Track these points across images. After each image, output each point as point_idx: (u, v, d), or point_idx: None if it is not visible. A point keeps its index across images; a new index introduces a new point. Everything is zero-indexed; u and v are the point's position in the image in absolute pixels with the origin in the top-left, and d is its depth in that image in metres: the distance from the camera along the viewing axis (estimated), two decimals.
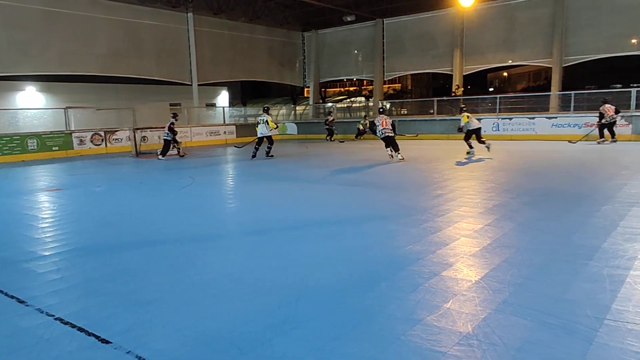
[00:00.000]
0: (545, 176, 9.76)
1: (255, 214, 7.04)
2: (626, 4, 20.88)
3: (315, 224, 6.19)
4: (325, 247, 5.06)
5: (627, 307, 3.26)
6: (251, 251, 5.11)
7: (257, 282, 4.07)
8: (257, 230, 6.02)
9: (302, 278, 4.11)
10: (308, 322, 3.24)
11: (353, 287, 3.85)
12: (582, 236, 5.10)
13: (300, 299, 3.64)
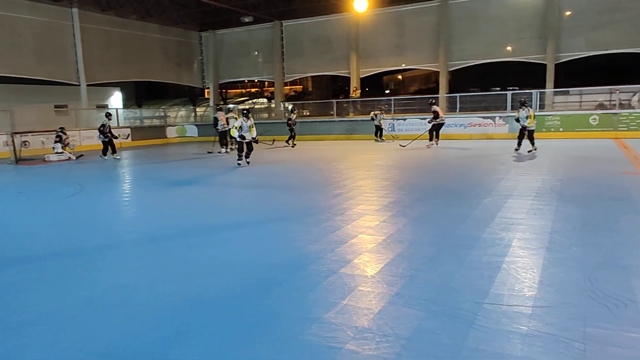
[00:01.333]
0: (434, 173, 10.44)
1: (151, 222, 6.73)
2: (500, 16, 23.04)
3: (215, 229, 6.07)
4: (225, 252, 4.98)
5: (503, 291, 3.58)
6: (146, 261, 4.87)
7: (151, 292, 3.89)
8: (153, 239, 5.75)
9: (200, 284, 4.01)
10: (205, 329, 3.16)
11: (252, 291, 3.83)
12: (466, 228, 5.52)
13: (197, 307, 3.55)
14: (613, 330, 2.90)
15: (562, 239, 4.89)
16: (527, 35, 22.96)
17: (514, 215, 5.98)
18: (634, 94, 18.95)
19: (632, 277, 3.77)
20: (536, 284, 3.70)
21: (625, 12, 20.88)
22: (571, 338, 2.82)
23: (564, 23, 22.11)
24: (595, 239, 4.87)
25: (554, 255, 4.35)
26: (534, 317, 3.12)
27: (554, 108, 20.44)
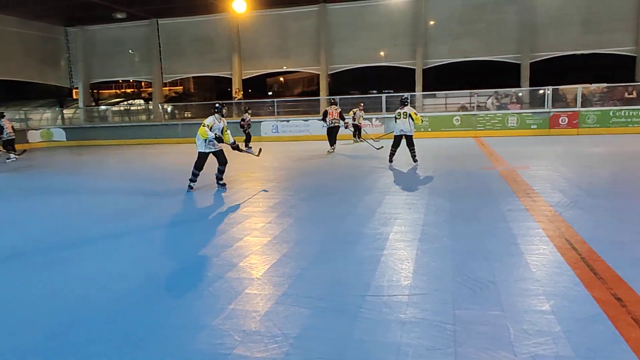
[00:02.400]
0: (320, 174, 10.73)
1: (7, 237, 6.02)
2: (375, 23, 24.38)
3: (87, 241, 5.61)
4: (101, 264, 4.62)
5: (383, 283, 3.79)
6: (3, 282, 4.35)
7: (16, 316, 3.49)
8: (10, 257, 5.15)
9: (75, 302, 3.68)
10: (84, 349, 2.91)
11: (134, 303, 3.61)
12: (349, 224, 5.76)
13: (73, 326, 3.25)
14: (478, 310, 3.22)
15: (433, 230, 5.32)
16: (400, 42, 24.58)
17: (392, 210, 6.36)
18: (488, 97, 21.23)
19: (493, 261, 4.21)
20: (411, 273, 3.97)
21: (479, 23, 23.30)
22: (443, 321, 3.07)
23: (430, 32, 24.04)
24: (462, 228, 5.36)
25: (426, 246, 4.71)
26: (410, 305, 3.35)
27: (424, 110, 22.12)
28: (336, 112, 14.20)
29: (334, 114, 14.19)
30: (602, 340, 2.76)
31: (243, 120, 17.21)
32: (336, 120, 14.18)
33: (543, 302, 3.31)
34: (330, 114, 14.21)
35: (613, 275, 3.74)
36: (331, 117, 14.17)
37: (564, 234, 4.93)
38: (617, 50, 22.43)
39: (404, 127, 10.90)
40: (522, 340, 2.78)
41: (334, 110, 14.28)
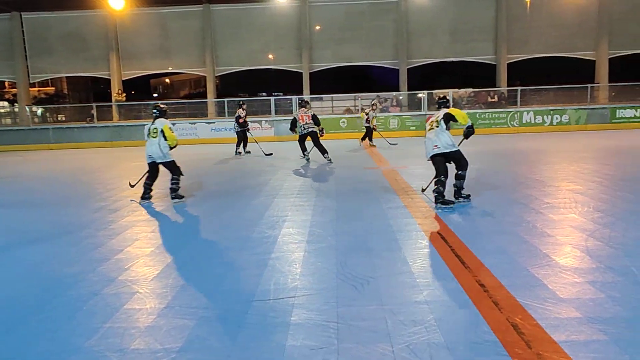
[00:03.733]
0: (207, 177, 10.46)
1: None
2: (260, 26, 24.44)
3: None
4: None
5: (269, 286, 3.80)
6: None
7: None
8: None
9: None
10: None
11: None
12: (236, 229, 5.68)
13: None
14: (359, 306, 3.35)
15: (319, 230, 5.45)
16: (286, 45, 24.90)
17: (280, 213, 6.40)
18: (372, 100, 22.30)
19: (374, 257, 4.42)
20: (298, 275, 4.03)
21: (360, 30, 24.45)
22: (327, 320, 3.16)
23: (315, 36, 24.68)
24: (346, 227, 5.56)
25: (313, 247, 4.82)
26: (297, 307, 3.39)
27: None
28: (307, 116, 11.91)
29: (305, 118, 11.92)
30: (467, 324, 3.02)
31: (239, 117, 14.45)
32: (310, 125, 11.89)
33: (418, 293, 3.54)
34: (301, 118, 11.93)
35: (477, 263, 4.13)
36: (302, 122, 11.89)
37: (437, 228, 5.34)
38: (481, 59, 24.88)
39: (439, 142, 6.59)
40: (399, 331, 2.95)
41: (304, 114, 11.97)
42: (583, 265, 4.03)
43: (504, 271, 3.90)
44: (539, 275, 3.80)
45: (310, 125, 11.91)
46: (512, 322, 3.00)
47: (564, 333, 2.84)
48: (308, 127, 11.89)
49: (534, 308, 3.19)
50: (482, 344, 2.75)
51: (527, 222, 5.45)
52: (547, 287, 3.56)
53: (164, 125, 7.41)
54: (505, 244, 4.68)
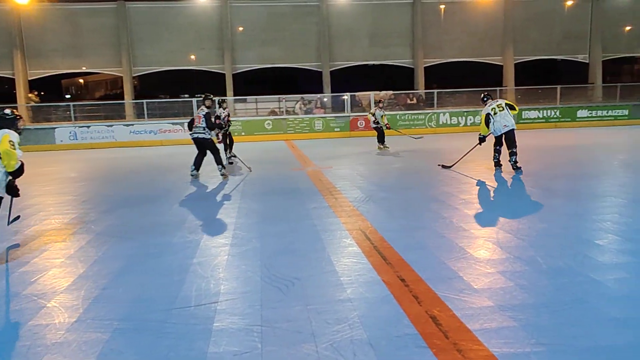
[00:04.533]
0: (124, 182, 9.97)
1: None
2: (180, 25, 23.71)
3: None
4: None
5: (191, 293, 3.67)
6: None
7: None
8: None
9: None
10: None
11: None
12: (157, 234, 5.45)
13: None
14: (283, 308, 3.33)
15: (244, 233, 5.36)
16: (208, 45, 24.34)
17: (203, 217, 6.23)
18: (296, 102, 22.40)
19: (299, 258, 4.41)
20: (222, 279, 3.94)
21: (283, 32, 24.47)
22: (251, 323, 3.10)
23: (238, 37, 24.35)
24: (272, 229, 5.51)
25: (237, 250, 4.72)
26: (219, 312, 3.30)
27: (236, 114, 22.29)
28: (198, 118, 9.42)
29: (197, 120, 9.45)
30: (389, 319, 3.09)
31: (218, 117, 10.92)
32: (199, 130, 9.36)
33: (342, 292, 3.58)
34: (198, 118, 9.43)
35: (399, 259, 4.25)
36: (195, 124, 9.47)
37: (360, 227, 5.44)
38: (400, 62, 25.79)
39: (507, 122, 8.77)
40: (323, 330, 2.96)
41: (200, 114, 9.46)
42: (494, 256, 4.27)
43: (424, 265, 4.05)
44: (455, 268, 3.98)
45: (199, 130, 9.35)
46: (430, 314, 3.11)
47: (478, 322, 2.99)
48: (196, 132, 9.38)
49: (451, 300, 3.34)
50: (402, 337, 2.83)
51: (444, 218, 5.70)
52: (462, 279, 3.73)
53: (2, 137, 4.80)
54: (424, 239, 4.86)
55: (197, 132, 9.40)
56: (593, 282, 3.60)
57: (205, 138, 9.42)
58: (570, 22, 26.04)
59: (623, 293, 3.41)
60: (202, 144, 9.52)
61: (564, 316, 3.05)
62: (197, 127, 9.39)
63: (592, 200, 6.65)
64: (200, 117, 9.36)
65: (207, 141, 9.45)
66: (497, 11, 25.44)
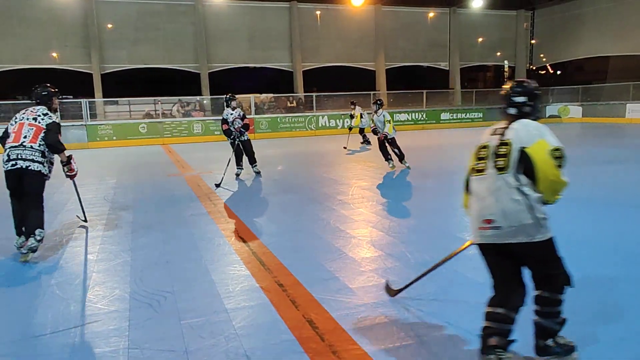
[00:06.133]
0: None
1: None
2: (39, 19, 21.48)
3: None
4: None
5: (46, 319, 3.27)
6: None
7: None
8: None
9: None
10: None
11: None
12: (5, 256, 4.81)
13: None
14: (154, 326, 3.11)
15: (112, 246, 4.96)
16: (72, 43, 22.38)
17: (64, 232, 5.64)
18: (173, 105, 21.50)
19: (173, 270, 4.18)
20: (84, 300, 3.58)
21: (156, 31, 23.36)
22: (118, 347, 2.85)
23: (106, 35, 22.73)
24: (144, 240, 5.17)
25: (103, 266, 4.35)
26: (78, 338, 2.99)
27: (107, 117, 20.77)
28: (236, 120, 9.09)
29: (237, 122, 9.09)
30: (267, 327, 3.05)
31: (226, 122, 9.09)
32: (241, 133, 9.17)
33: (218, 302, 3.45)
34: (235, 121, 9.10)
35: (277, 263, 4.23)
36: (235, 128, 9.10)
37: (239, 232, 5.34)
38: (279, 66, 26.04)
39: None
40: (197, 346, 2.82)
41: (237, 117, 9.09)
42: (368, 254, 4.45)
43: (301, 268, 4.07)
44: (331, 268, 4.07)
45: (240, 133, 9.19)
46: (307, 318, 3.13)
47: (352, 321, 3.07)
48: (238, 136, 9.22)
49: (327, 301, 3.39)
50: (280, 344, 2.80)
51: (322, 219, 5.82)
52: (338, 279, 3.82)
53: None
54: (302, 242, 4.91)
55: (239, 135, 9.22)
56: (455, 273, 3.91)
57: (247, 139, 9.38)
58: (433, 32, 28.41)
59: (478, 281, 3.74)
60: (245, 146, 9.38)
61: (430, 307, 3.25)
62: (235, 132, 9.11)
63: (455, 196, 7.26)
64: (237, 119, 9.08)
65: (248, 142, 9.40)
66: (368, 20, 26.87)
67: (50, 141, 4.70)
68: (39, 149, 4.65)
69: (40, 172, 4.67)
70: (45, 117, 4.81)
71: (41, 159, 4.67)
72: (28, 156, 4.59)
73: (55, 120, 4.88)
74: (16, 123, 4.78)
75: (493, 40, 29.79)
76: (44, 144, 4.69)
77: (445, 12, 28.45)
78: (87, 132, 18.24)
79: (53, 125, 4.80)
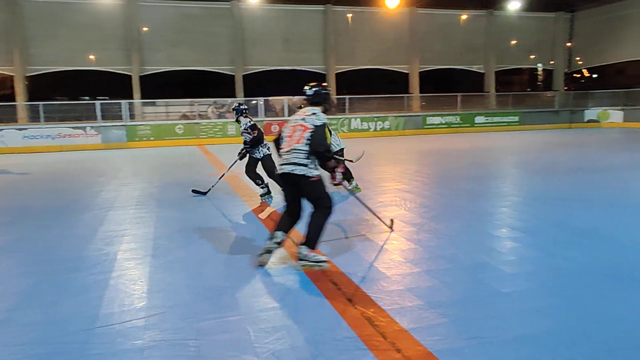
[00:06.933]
0: (23, 192, 9.10)
1: None
2: (81, 23, 22.18)
3: None
4: None
5: (114, 309, 3.43)
6: None
7: None
8: None
9: None
10: None
11: None
12: (66, 249, 5.03)
13: None
14: (217, 319, 3.22)
15: (166, 243, 5.12)
16: (112, 46, 23.02)
17: (117, 227, 5.86)
18: (209, 106, 21.88)
19: (227, 267, 4.30)
20: (146, 293, 3.72)
21: (193, 34, 23.81)
22: (185, 337, 2.96)
23: (145, 38, 23.30)
24: (194, 236, 5.31)
25: (160, 261, 4.50)
26: (148, 328, 3.12)
27: (145, 118, 21.30)
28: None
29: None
30: (326, 323, 3.11)
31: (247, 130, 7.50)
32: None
33: (275, 299, 3.54)
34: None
35: (330, 264, 4.29)
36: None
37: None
38: (312, 68, 26.18)
39: None
40: (262, 339, 2.90)
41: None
42: (417, 255, 4.47)
43: (352, 268, 4.12)
44: (382, 269, 4.11)
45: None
46: (366, 316, 3.18)
47: (411, 320, 3.11)
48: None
49: (383, 300, 3.43)
50: (342, 341, 2.86)
51: (365, 220, 5.86)
52: (390, 279, 3.86)
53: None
54: (349, 242, 4.96)
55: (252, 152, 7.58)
56: (506, 275, 3.89)
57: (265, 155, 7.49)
58: (467, 34, 28.07)
59: (533, 287, 3.72)
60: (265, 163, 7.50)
61: (487, 308, 3.26)
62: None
63: (493, 199, 7.20)
64: (244, 132, 7.44)
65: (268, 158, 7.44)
66: (403, 22, 26.75)
67: None
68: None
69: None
70: None
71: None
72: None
73: None
74: None
75: (529, 43, 29.23)
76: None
77: (481, 15, 28.09)
78: (127, 132, 18.76)
79: None
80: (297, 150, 4.03)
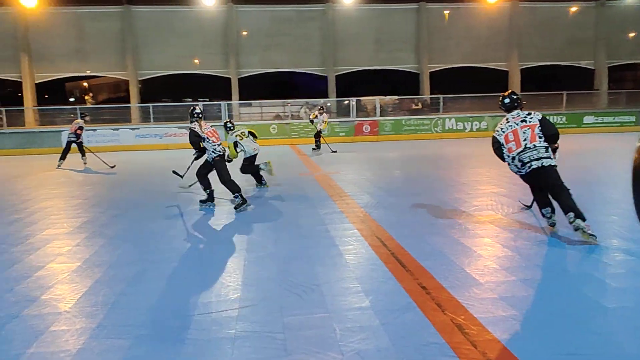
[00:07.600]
0: (128, 187, 9.94)
1: None
2: (186, 29, 23.81)
3: None
4: None
5: (211, 299, 3.64)
6: None
7: None
8: None
9: None
10: None
11: None
12: (169, 240, 5.42)
13: None
14: (304, 315, 3.29)
15: (259, 239, 5.33)
16: (213, 50, 24.42)
17: (215, 222, 6.20)
18: (301, 107, 22.41)
19: (315, 264, 4.38)
20: (240, 285, 3.91)
21: (286, 36, 24.53)
22: (273, 331, 3.07)
23: (242, 42, 24.44)
24: (285, 234, 5.48)
25: (253, 255, 4.70)
26: (240, 319, 3.27)
27: (241, 119, 22.33)
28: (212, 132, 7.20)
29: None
30: (413, 327, 3.06)
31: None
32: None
33: (362, 299, 3.55)
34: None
35: (417, 266, 4.21)
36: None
37: (375, 233, 5.41)
38: (404, 67, 25.81)
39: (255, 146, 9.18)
40: (347, 338, 2.92)
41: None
42: (514, 264, 4.24)
43: (443, 272, 4.01)
44: (475, 274, 3.95)
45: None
46: (456, 322, 3.08)
47: (504, 330, 2.95)
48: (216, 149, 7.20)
49: (474, 307, 3.30)
50: (429, 347, 2.79)
51: (459, 224, 5.66)
52: (483, 286, 3.70)
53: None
54: (441, 246, 4.82)
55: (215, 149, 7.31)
56: (612, 289, 3.57)
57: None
58: (573, 28, 26.07)
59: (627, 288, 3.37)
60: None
61: (590, 324, 3.01)
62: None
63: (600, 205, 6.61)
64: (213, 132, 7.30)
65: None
66: (501, 17, 25.49)
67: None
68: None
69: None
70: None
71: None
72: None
73: None
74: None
75: None
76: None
77: (590, 6, 25.96)
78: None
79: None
80: (537, 147, 4.89)
